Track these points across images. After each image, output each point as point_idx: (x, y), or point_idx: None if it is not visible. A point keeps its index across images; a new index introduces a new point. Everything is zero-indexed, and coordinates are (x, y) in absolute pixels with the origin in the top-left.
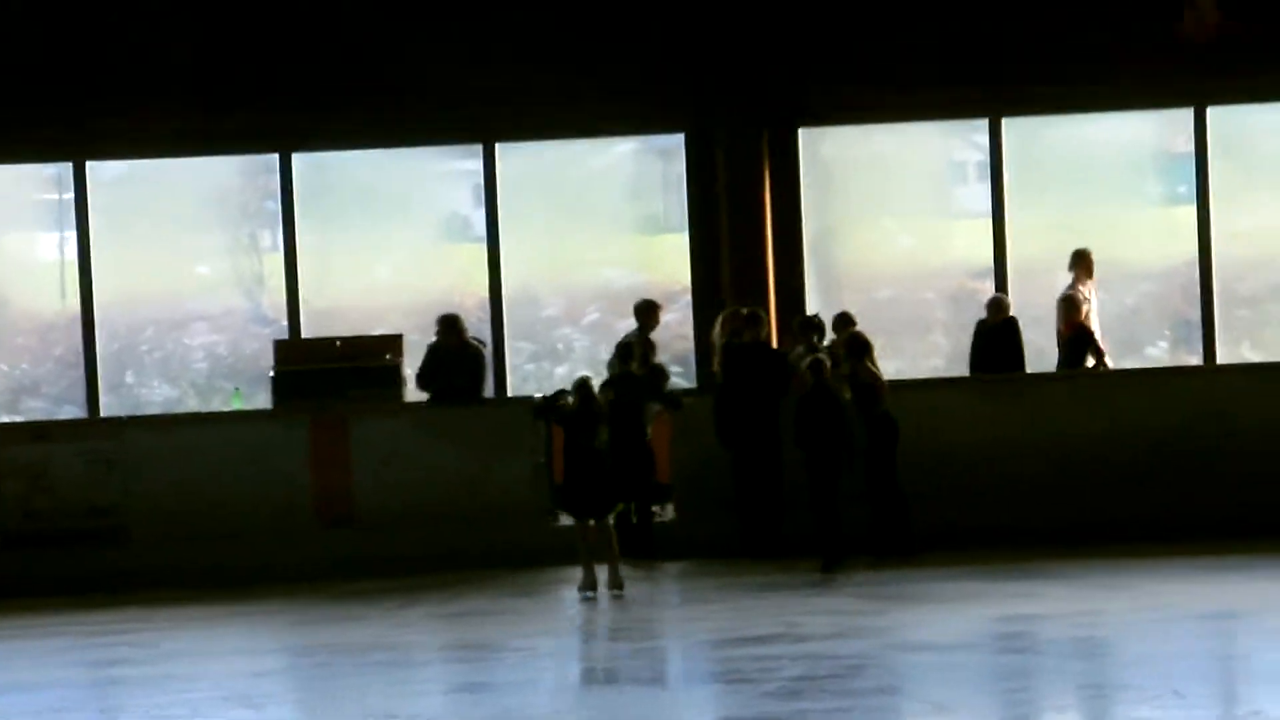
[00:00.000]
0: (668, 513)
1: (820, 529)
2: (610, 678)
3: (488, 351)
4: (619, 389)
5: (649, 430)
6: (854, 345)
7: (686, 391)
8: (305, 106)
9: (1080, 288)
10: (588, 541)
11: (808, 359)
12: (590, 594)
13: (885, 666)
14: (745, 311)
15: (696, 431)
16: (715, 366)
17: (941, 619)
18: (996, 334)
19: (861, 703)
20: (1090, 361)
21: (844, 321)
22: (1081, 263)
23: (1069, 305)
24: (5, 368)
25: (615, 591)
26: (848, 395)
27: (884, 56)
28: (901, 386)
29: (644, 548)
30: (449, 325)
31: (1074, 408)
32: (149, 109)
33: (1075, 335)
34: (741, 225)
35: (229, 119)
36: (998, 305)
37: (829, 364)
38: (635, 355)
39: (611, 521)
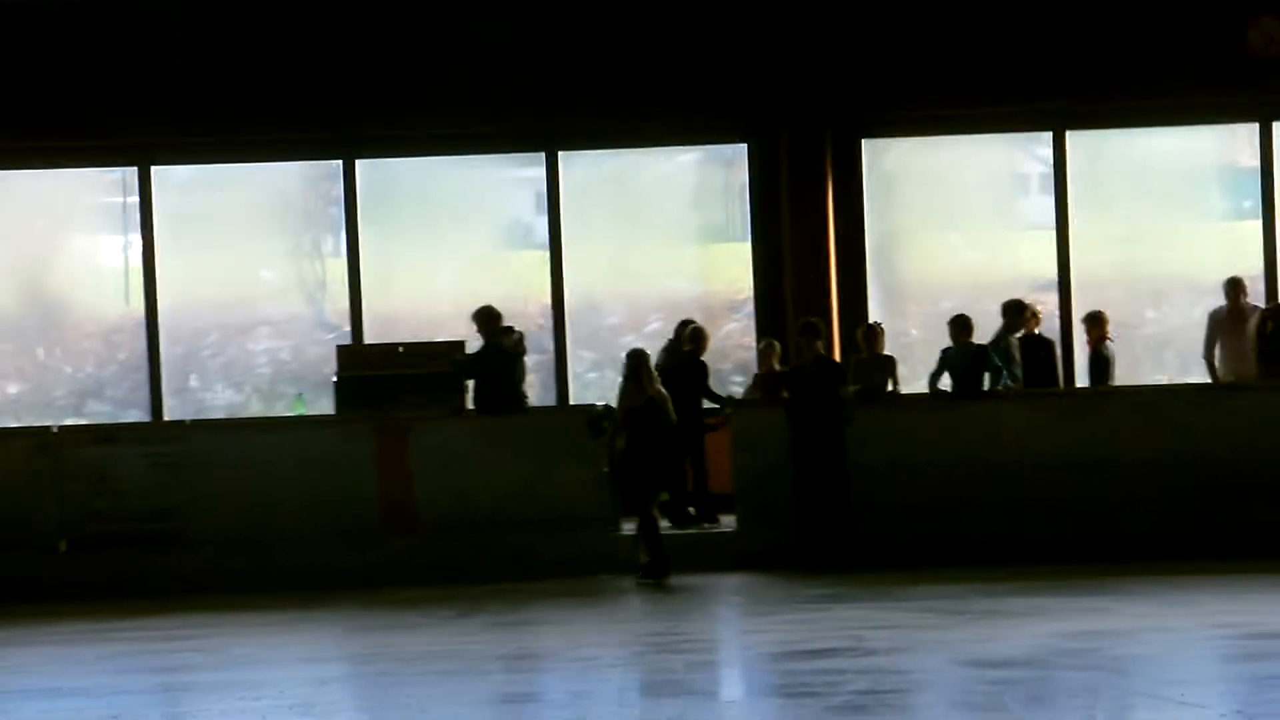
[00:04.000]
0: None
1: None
2: (672, 690)
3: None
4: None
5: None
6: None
7: (745, 402)
8: (369, 113)
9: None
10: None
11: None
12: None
13: (951, 682)
14: (801, 323)
15: (759, 442)
16: (755, 392)
17: (1008, 634)
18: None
19: (925, 718)
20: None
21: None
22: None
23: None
24: (70, 370)
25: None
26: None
27: (948, 68)
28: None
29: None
30: (481, 319)
31: (1134, 422)
32: (214, 114)
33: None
34: (804, 234)
35: (294, 125)
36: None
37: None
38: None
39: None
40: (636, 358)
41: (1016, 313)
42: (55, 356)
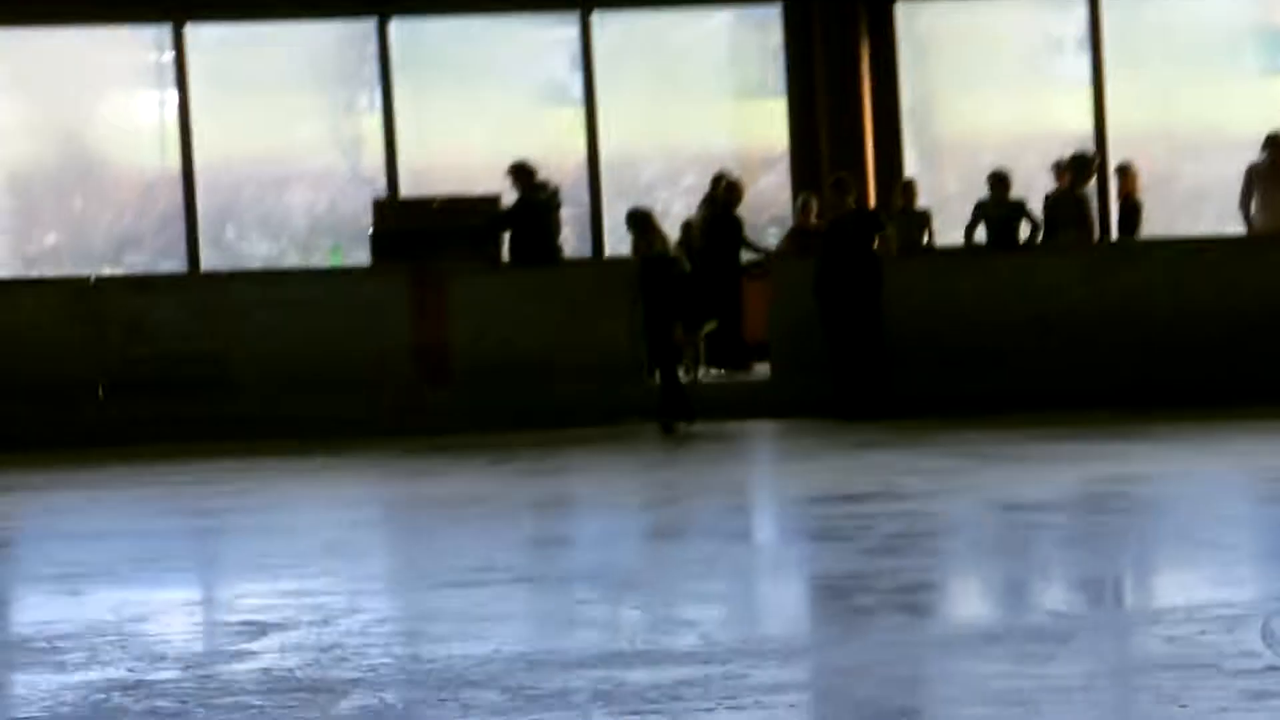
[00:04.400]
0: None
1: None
2: (704, 533)
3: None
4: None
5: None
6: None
7: (781, 255)
8: None
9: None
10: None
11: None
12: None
13: (982, 525)
14: (831, 180)
15: (795, 294)
16: (790, 245)
17: (1039, 479)
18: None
19: (956, 560)
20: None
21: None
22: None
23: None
24: (108, 221)
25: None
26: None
27: None
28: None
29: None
30: (516, 173)
31: (1168, 274)
32: None
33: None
34: (839, 95)
35: None
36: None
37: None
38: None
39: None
40: (631, 217)
41: (1084, 165)
42: (93, 207)
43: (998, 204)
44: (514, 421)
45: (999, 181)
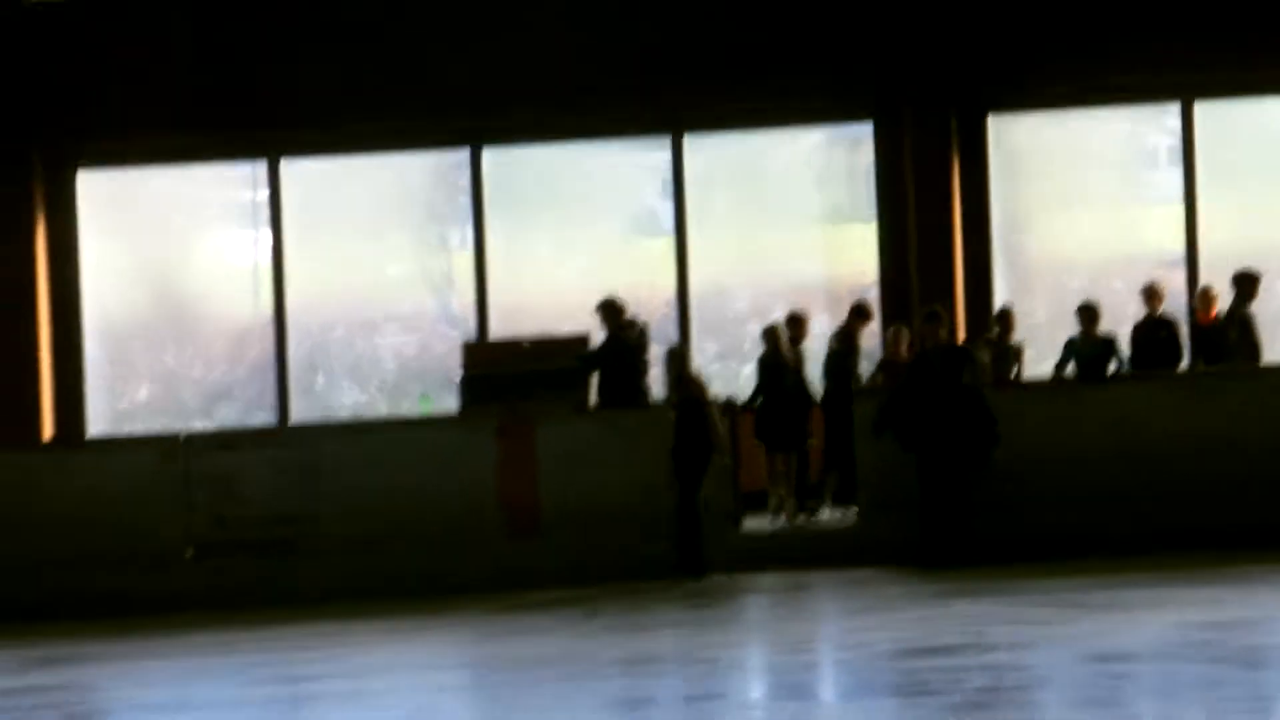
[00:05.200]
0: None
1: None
2: (792, 692)
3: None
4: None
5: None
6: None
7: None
8: (494, 102)
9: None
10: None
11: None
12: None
13: (1072, 678)
14: (925, 311)
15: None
16: (878, 379)
17: (1130, 627)
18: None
19: (1051, 716)
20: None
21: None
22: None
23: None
24: (199, 373)
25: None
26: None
27: (1073, 40)
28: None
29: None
30: (605, 311)
31: (1262, 404)
32: (343, 108)
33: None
34: (930, 213)
35: (421, 116)
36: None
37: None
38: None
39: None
40: (669, 356)
41: (1250, 284)
42: (185, 358)
43: (1087, 340)
44: (602, 573)
45: (1089, 316)
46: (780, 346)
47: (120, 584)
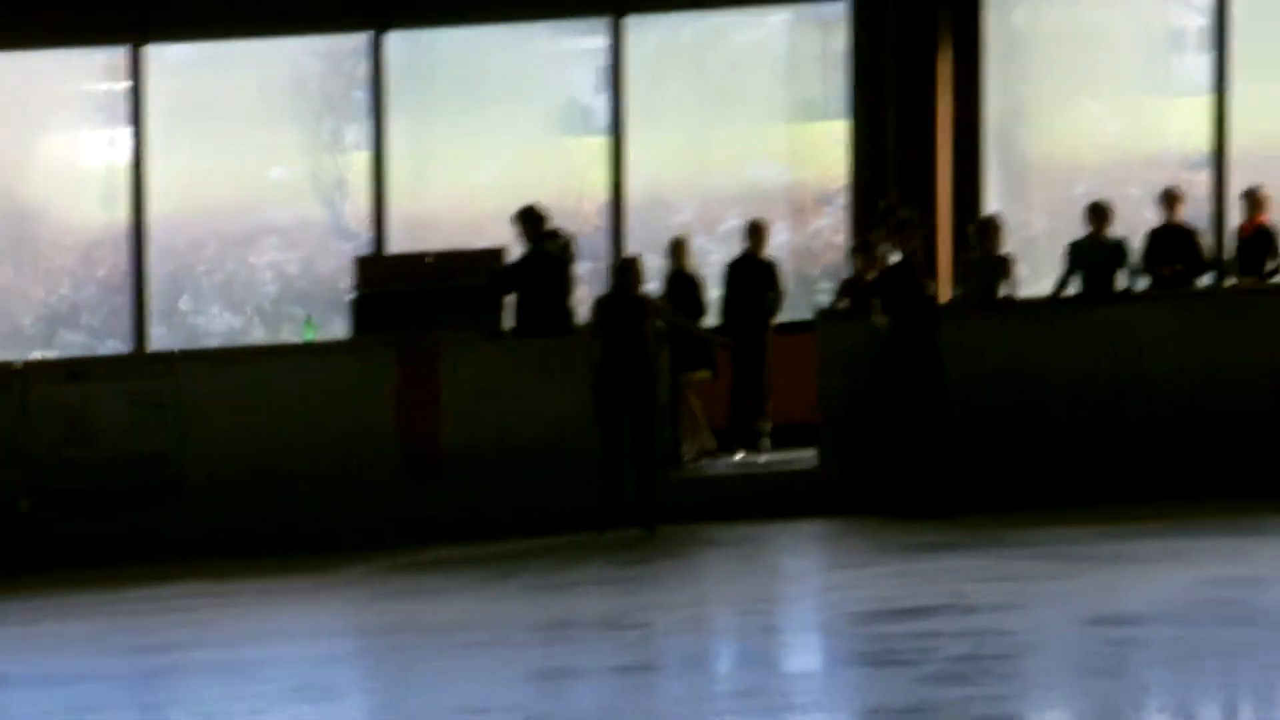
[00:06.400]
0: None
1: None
2: (740, 661)
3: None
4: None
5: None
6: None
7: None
8: None
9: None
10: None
11: None
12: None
13: (1067, 644)
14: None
15: (848, 362)
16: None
17: (1137, 584)
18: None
19: (1036, 690)
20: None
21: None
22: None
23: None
24: (42, 294)
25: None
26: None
27: None
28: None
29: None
30: (524, 221)
31: None
32: None
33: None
34: (912, 108)
35: None
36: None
37: None
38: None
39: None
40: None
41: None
42: (24, 275)
43: (1095, 244)
44: (517, 525)
45: (1098, 215)
46: (684, 264)
47: None
